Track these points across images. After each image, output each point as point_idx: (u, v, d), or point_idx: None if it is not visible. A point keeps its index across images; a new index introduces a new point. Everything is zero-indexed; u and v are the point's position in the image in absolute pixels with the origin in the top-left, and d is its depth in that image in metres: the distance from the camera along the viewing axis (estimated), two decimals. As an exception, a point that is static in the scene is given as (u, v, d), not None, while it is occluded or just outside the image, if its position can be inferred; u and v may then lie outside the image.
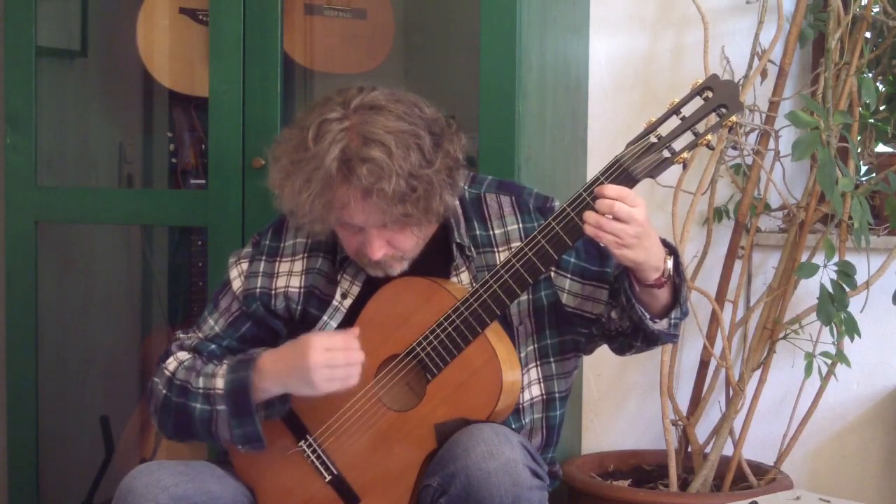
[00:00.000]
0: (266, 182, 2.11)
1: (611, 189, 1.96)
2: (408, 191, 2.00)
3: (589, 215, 1.96)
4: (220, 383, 2.14)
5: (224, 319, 2.27)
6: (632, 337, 2.13)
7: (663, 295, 2.05)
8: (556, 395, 2.22)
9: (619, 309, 2.11)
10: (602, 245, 1.98)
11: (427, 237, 2.14)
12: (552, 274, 2.16)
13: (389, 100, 2.05)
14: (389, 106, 2.04)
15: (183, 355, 2.25)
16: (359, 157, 1.99)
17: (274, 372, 2.10)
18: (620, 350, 2.21)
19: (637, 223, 1.94)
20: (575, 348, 2.23)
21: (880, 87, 2.91)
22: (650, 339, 2.11)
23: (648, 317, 2.05)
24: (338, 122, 2.02)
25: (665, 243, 2.04)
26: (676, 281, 2.06)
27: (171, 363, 2.23)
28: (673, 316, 2.09)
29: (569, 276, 2.18)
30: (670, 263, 2.02)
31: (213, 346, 2.25)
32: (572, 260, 2.17)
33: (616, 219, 1.94)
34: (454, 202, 2.12)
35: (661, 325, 2.08)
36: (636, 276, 2.02)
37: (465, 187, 2.22)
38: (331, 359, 2.05)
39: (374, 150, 1.99)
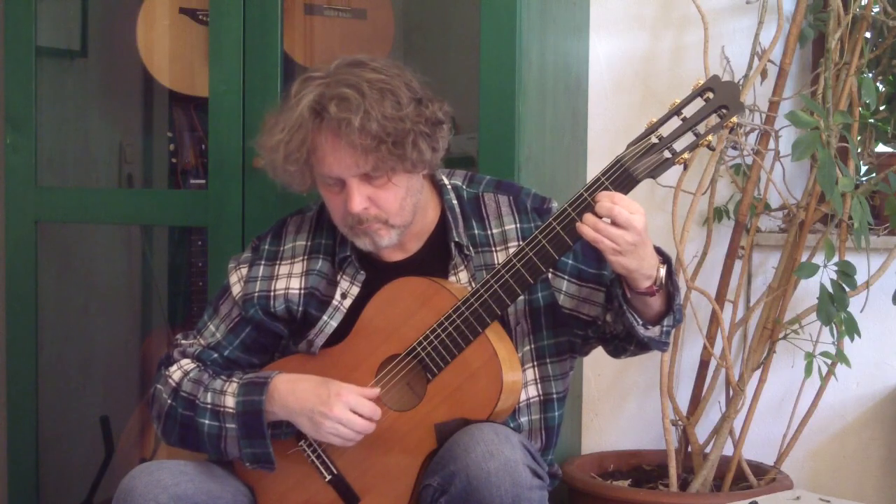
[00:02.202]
0: (266, 177, 2.16)
1: (611, 194, 1.96)
2: (380, 133, 2.02)
3: (587, 218, 1.96)
4: (230, 402, 2.15)
5: (225, 325, 2.27)
6: (625, 341, 2.14)
7: (656, 303, 2.06)
8: (554, 395, 2.22)
9: (613, 313, 2.11)
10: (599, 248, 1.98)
11: (413, 205, 2.13)
12: (549, 275, 2.16)
13: (370, 59, 2.11)
14: (369, 62, 2.10)
15: (187, 364, 2.25)
16: (329, 97, 2.04)
17: (285, 402, 2.12)
18: (615, 353, 2.21)
19: (635, 231, 1.94)
20: (570, 349, 2.23)
21: (880, 87, 2.90)
22: (642, 345, 2.12)
23: (640, 323, 2.06)
24: (320, 78, 2.09)
25: (659, 251, 2.05)
26: (670, 289, 2.06)
27: (176, 372, 2.23)
28: (665, 323, 2.09)
29: (566, 277, 2.18)
30: (663, 272, 2.02)
31: (215, 355, 2.25)
32: (569, 261, 2.17)
33: (614, 224, 1.95)
34: (433, 157, 2.12)
35: (653, 332, 2.09)
36: (628, 284, 2.03)
37: (464, 186, 2.22)
38: (349, 420, 2.07)
39: (346, 90, 2.04)
